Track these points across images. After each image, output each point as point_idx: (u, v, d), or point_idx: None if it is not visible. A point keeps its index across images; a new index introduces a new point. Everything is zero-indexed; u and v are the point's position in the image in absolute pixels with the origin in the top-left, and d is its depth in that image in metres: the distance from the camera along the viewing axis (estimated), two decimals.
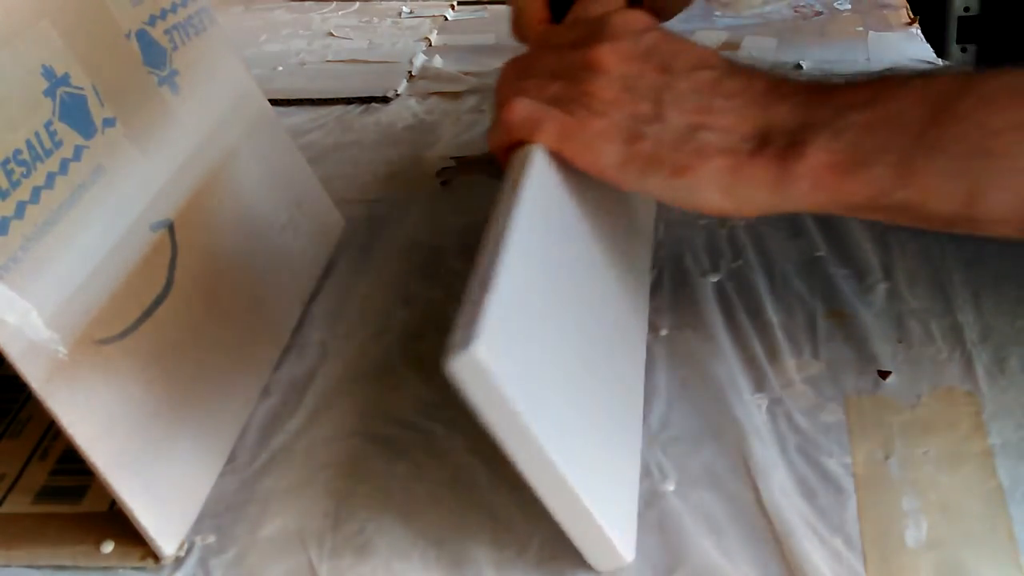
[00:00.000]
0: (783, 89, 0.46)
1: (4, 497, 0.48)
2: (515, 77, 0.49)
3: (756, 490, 0.45)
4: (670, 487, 0.45)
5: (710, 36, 0.96)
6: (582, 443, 0.41)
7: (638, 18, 0.50)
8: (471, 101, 0.87)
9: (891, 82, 0.45)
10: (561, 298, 0.43)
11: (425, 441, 0.50)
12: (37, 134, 0.43)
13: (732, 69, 0.48)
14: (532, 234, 0.41)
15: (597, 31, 0.49)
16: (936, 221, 0.43)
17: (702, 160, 0.44)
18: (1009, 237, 0.43)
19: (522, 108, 0.47)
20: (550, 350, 0.40)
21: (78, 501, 0.47)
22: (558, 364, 0.40)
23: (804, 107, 0.45)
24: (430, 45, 0.99)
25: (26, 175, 0.42)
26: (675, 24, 0.58)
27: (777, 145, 0.44)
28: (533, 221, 0.42)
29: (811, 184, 0.43)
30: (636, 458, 0.46)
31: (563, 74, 0.48)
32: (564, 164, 0.46)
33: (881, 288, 0.57)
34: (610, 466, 0.43)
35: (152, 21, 0.54)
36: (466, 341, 0.34)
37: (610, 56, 0.47)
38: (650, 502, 0.45)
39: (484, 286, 0.36)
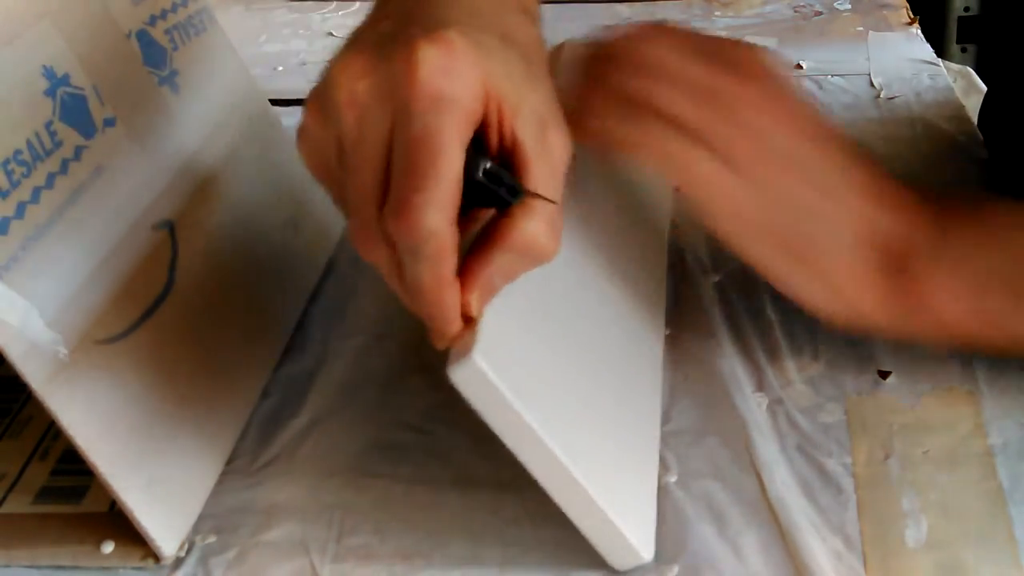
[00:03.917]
0: (891, 190, 0.44)
1: (4, 497, 0.48)
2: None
3: (760, 480, 0.45)
4: (672, 478, 0.45)
5: None
6: (591, 442, 0.41)
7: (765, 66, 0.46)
8: None
9: (1005, 209, 0.43)
10: (559, 306, 0.43)
11: (428, 442, 0.50)
12: (37, 134, 0.43)
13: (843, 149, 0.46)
14: None
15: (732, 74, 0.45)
16: None
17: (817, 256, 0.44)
18: None
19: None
20: (548, 355, 0.41)
21: (78, 501, 0.47)
22: (557, 368, 0.41)
23: (917, 224, 0.43)
24: None
25: (26, 175, 0.42)
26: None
27: (891, 257, 0.43)
28: None
29: (920, 307, 0.43)
30: (654, 456, 0.46)
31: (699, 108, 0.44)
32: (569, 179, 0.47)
33: None
34: (625, 464, 0.44)
35: (152, 21, 0.54)
36: (466, 350, 0.36)
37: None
38: None
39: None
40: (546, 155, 0.37)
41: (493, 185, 0.36)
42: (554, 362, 0.41)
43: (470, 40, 0.35)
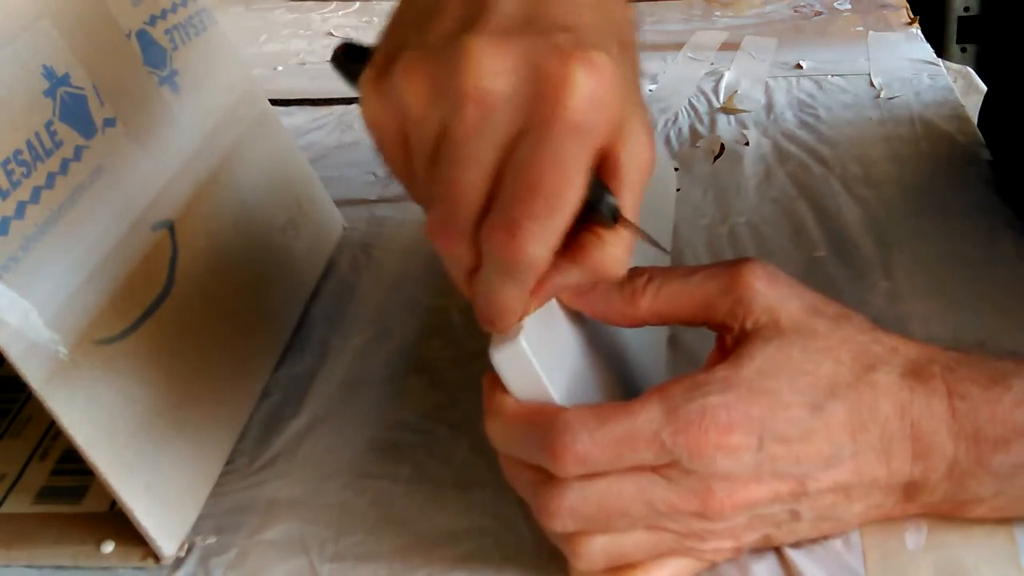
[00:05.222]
0: (928, 436, 0.38)
1: (4, 497, 0.48)
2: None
3: None
4: None
5: (710, 36, 0.96)
6: None
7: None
8: None
9: None
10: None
11: (428, 443, 0.50)
12: (37, 134, 0.43)
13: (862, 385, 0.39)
14: None
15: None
16: None
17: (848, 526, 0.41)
18: None
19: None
20: (573, 349, 0.41)
21: (78, 501, 0.47)
22: (580, 362, 0.41)
23: (958, 473, 0.39)
24: None
25: (26, 175, 0.42)
26: (675, 25, 0.56)
27: (932, 502, 0.40)
28: None
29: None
30: None
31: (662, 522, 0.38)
32: None
33: (881, 288, 0.57)
34: None
35: (152, 21, 0.54)
36: (512, 335, 0.37)
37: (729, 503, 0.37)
38: None
39: None
40: (639, 178, 0.36)
41: (599, 209, 0.35)
42: (578, 356, 0.41)
43: (616, 65, 0.33)
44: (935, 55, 0.87)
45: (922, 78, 0.82)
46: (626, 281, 0.40)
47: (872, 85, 0.82)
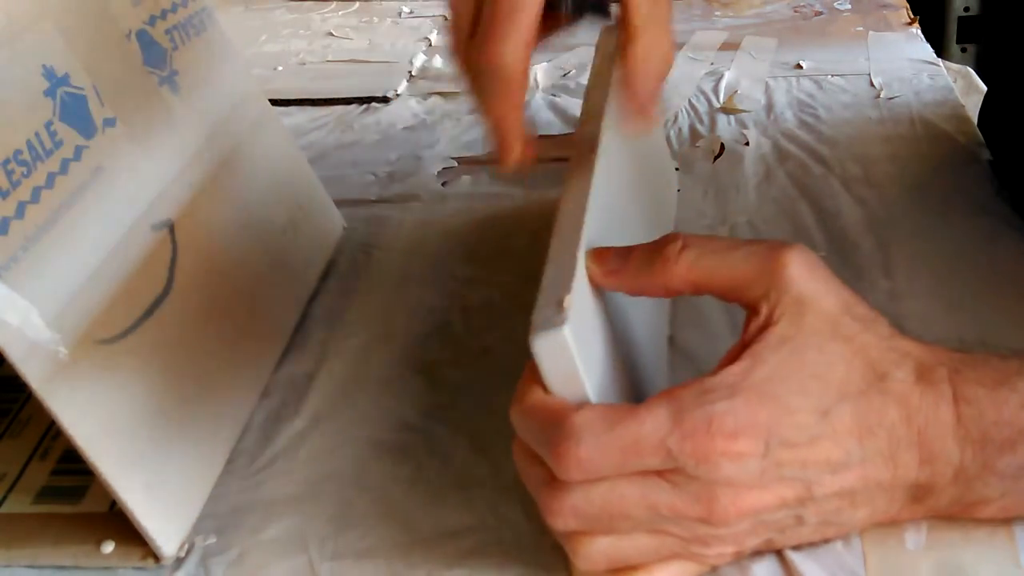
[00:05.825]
0: (934, 442, 0.38)
1: (4, 497, 0.48)
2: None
3: None
4: None
5: (710, 36, 0.96)
6: None
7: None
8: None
9: None
10: (608, 304, 0.43)
11: (428, 442, 0.50)
12: (37, 134, 0.43)
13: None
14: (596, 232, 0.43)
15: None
16: None
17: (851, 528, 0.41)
18: None
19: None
20: (605, 345, 0.41)
21: (78, 501, 0.47)
22: (608, 357, 0.41)
23: (964, 478, 0.39)
24: (430, 45, 0.99)
25: (26, 175, 0.42)
26: (675, 24, 0.56)
27: (938, 506, 0.40)
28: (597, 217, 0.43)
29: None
30: None
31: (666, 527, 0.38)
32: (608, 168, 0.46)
33: (881, 288, 0.57)
34: None
35: (152, 21, 0.54)
36: (556, 323, 0.37)
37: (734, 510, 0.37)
38: None
39: (567, 277, 0.39)
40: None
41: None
42: (606, 351, 0.41)
43: None
44: (935, 55, 0.87)
45: (922, 78, 0.82)
46: (659, 247, 0.40)
47: (872, 85, 0.82)
